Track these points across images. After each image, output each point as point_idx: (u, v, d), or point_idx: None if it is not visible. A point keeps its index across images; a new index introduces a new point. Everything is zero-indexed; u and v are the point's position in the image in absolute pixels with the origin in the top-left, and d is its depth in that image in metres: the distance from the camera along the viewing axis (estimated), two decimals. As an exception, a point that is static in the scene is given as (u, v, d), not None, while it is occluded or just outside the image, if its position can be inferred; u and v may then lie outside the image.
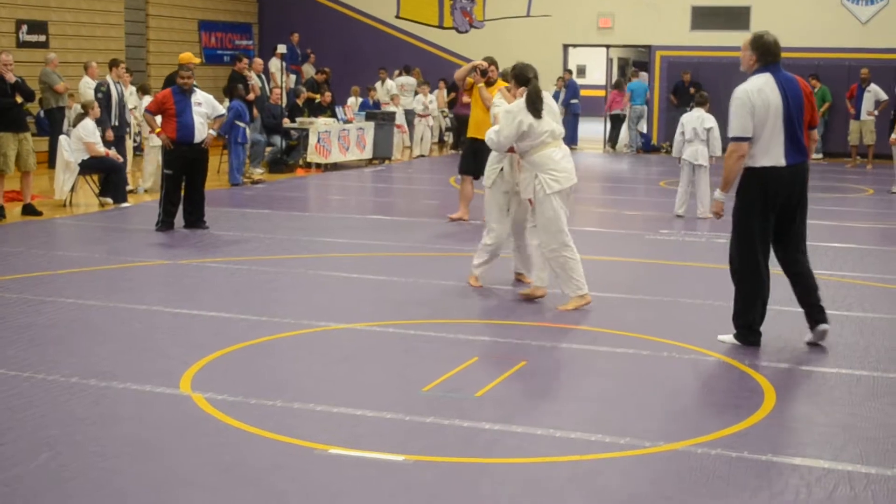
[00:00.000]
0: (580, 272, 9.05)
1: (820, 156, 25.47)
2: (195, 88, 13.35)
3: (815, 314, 7.90)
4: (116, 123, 16.24)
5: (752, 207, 7.67)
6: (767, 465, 5.47)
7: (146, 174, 16.90)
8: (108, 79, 16.36)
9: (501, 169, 9.70)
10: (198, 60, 17.62)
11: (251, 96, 19.21)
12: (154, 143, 16.12)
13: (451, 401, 6.44)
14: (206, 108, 13.29)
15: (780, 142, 7.61)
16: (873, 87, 23.45)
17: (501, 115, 9.24)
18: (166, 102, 13.05)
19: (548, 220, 9.02)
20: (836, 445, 5.81)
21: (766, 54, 7.75)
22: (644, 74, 28.45)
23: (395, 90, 25.53)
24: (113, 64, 16.69)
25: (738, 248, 7.83)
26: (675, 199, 15.28)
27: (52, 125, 19.71)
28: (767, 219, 7.69)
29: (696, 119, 14.75)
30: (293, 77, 26.38)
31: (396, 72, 26.91)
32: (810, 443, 5.88)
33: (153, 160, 16.42)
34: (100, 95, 15.93)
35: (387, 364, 7.45)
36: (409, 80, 26.47)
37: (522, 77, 9.22)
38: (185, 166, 13.04)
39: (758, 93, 7.60)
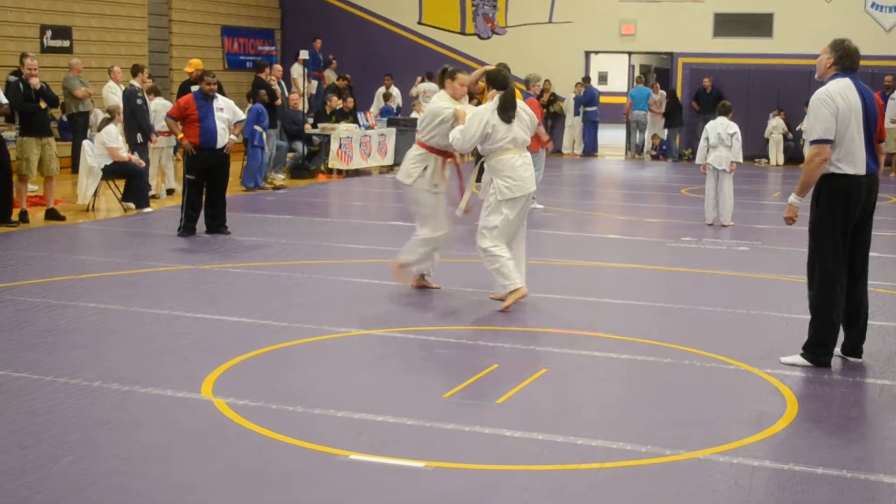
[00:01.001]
0: (511, 269, 9.19)
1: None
2: (216, 94, 13.40)
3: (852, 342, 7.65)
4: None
5: (835, 217, 7.33)
6: (790, 474, 5.45)
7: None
8: (135, 84, 16.43)
9: (425, 168, 9.72)
10: (201, 65, 17.67)
11: (278, 102, 19.25)
12: (159, 145, 16.31)
13: (472, 407, 6.43)
14: (227, 113, 13.34)
15: (862, 148, 7.33)
16: None
17: (468, 115, 9.33)
18: (189, 108, 13.09)
19: (492, 223, 9.27)
20: (859, 455, 5.77)
21: (845, 58, 7.44)
22: (649, 84, 28.42)
23: (420, 96, 25.53)
24: (137, 70, 16.77)
25: (822, 261, 7.40)
26: (696, 207, 15.23)
27: (74, 130, 19.79)
28: (847, 230, 7.38)
29: (721, 125, 14.81)
30: (314, 83, 26.45)
31: (419, 78, 26.90)
32: (833, 452, 5.84)
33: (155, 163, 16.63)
34: (139, 102, 15.98)
35: (407, 370, 7.45)
36: (432, 87, 26.45)
37: (502, 81, 9.42)
38: (207, 171, 13.08)
39: (840, 95, 7.29)
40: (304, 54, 23.68)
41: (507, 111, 9.22)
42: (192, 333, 8.23)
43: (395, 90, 25.91)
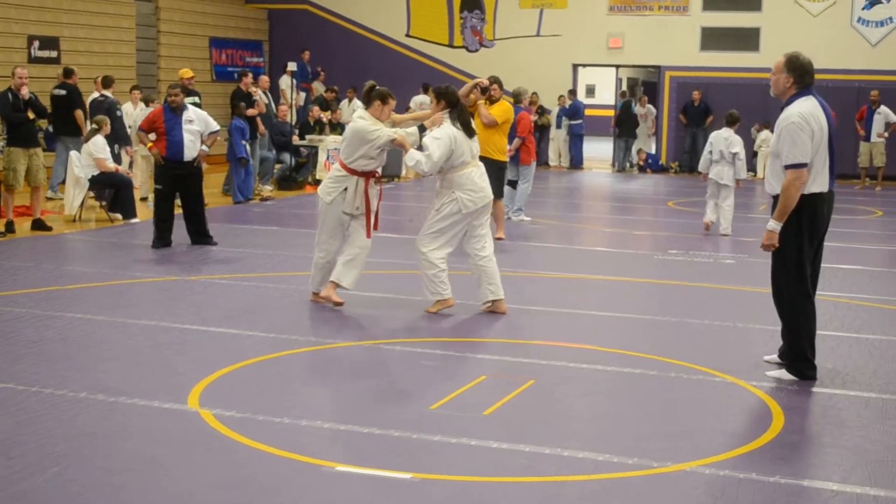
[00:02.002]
0: (445, 280, 9.48)
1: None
2: (187, 105, 13.34)
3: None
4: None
5: (803, 236, 7.35)
6: (775, 486, 5.46)
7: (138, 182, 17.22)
8: (108, 94, 16.48)
9: (345, 189, 9.53)
10: (191, 74, 17.66)
11: (252, 111, 19.13)
12: (143, 152, 16.39)
13: (459, 419, 6.43)
14: (198, 125, 13.22)
15: (827, 167, 7.38)
16: (883, 108, 23.45)
17: (431, 140, 9.38)
18: (156, 121, 13.06)
19: (443, 233, 9.52)
20: (844, 468, 5.79)
21: (805, 75, 7.43)
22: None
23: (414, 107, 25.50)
24: (110, 81, 16.92)
25: (789, 279, 7.44)
26: (682, 220, 15.29)
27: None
28: (812, 247, 7.43)
29: (725, 141, 15.16)
30: (303, 95, 26.43)
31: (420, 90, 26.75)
32: (818, 465, 5.87)
33: (145, 170, 16.74)
34: (119, 114, 16.03)
35: (395, 381, 7.45)
36: (426, 99, 26.35)
37: (453, 99, 9.67)
38: (176, 183, 13.02)
39: (812, 117, 7.30)
40: (292, 66, 23.69)
41: (468, 126, 9.60)
42: (179, 344, 8.22)
43: (357, 102, 25.57)
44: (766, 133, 25.75)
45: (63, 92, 17.32)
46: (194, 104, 14.67)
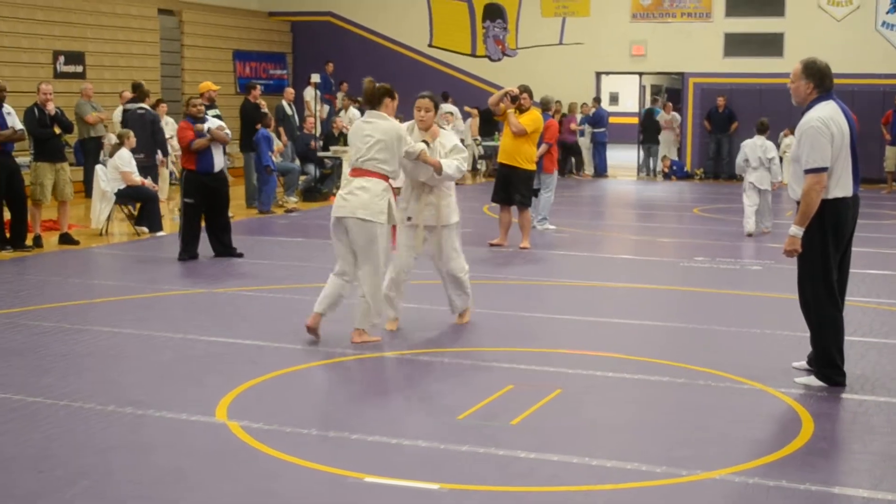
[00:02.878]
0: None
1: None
2: (207, 116, 13.41)
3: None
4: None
5: (827, 241, 7.31)
6: (806, 494, 5.42)
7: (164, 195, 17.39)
8: (147, 107, 16.64)
9: (390, 201, 8.58)
10: (216, 87, 17.71)
11: (259, 126, 19.18)
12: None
13: (486, 429, 6.42)
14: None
15: (849, 171, 7.34)
16: None
17: (453, 144, 9.22)
18: (188, 134, 13.07)
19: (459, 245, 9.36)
20: (875, 475, 5.75)
21: (824, 79, 7.39)
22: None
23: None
24: (146, 93, 17.02)
25: (815, 286, 7.39)
26: (708, 226, 15.24)
27: (85, 155, 19.90)
28: (838, 252, 7.39)
29: (760, 148, 15.82)
30: (326, 107, 26.48)
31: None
32: (849, 472, 5.83)
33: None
34: (160, 125, 16.23)
35: (421, 392, 7.44)
36: (452, 108, 26.27)
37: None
38: (205, 195, 13.06)
39: (833, 121, 7.26)
40: (315, 78, 23.75)
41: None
42: (206, 357, 8.24)
43: (353, 111, 25.22)
44: (791, 138, 25.66)
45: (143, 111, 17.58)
46: (216, 116, 14.73)
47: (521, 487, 5.50)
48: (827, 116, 7.29)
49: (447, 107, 25.94)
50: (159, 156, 17.02)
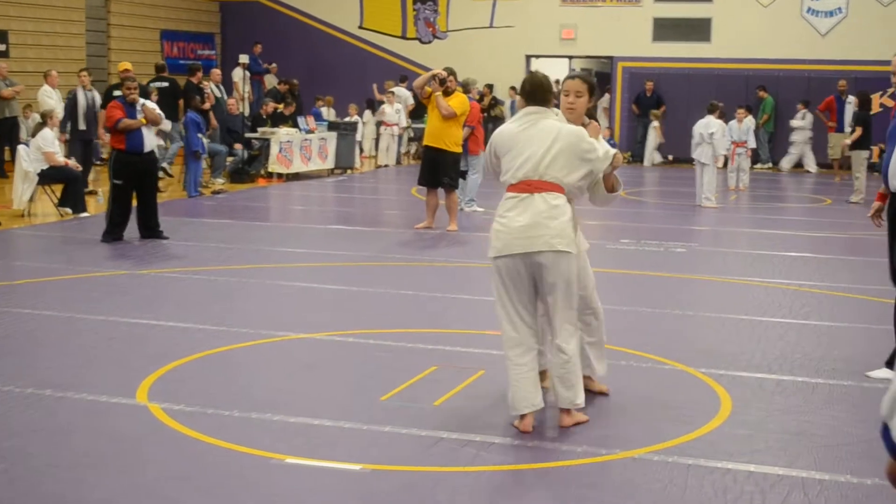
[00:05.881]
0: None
1: (769, 165, 25.81)
2: (139, 98, 13.26)
3: None
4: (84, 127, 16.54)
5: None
6: (723, 472, 5.50)
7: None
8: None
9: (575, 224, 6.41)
10: (131, 67, 17.45)
11: (206, 105, 19.12)
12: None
13: (409, 410, 6.43)
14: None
15: None
16: (853, 98, 23.30)
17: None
18: (116, 113, 12.89)
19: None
20: (790, 452, 5.85)
21: None
22: None
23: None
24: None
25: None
26: (633, 209, 15.38)
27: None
28: None
29: (704, 126, 17.58)
30: (254, 87, 26.30)
31: (391, 82, 26.60)
32: (765, 450, 5.92)
33: None
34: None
35: (345, 373, 7.43)
36: (407, 94, 26.00)
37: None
38: (134, 177, 12.89)
39: None
40: (244, 59, 23.57)
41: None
42: (128, 339, 8.16)
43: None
44: (805, 114, 25.41)
45: (166, 84, 18.54)
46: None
47: (443, 468, 5.51)
48: None
49: (402, 92, 25.84)
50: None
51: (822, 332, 8.80)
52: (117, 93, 14.30)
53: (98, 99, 17.80)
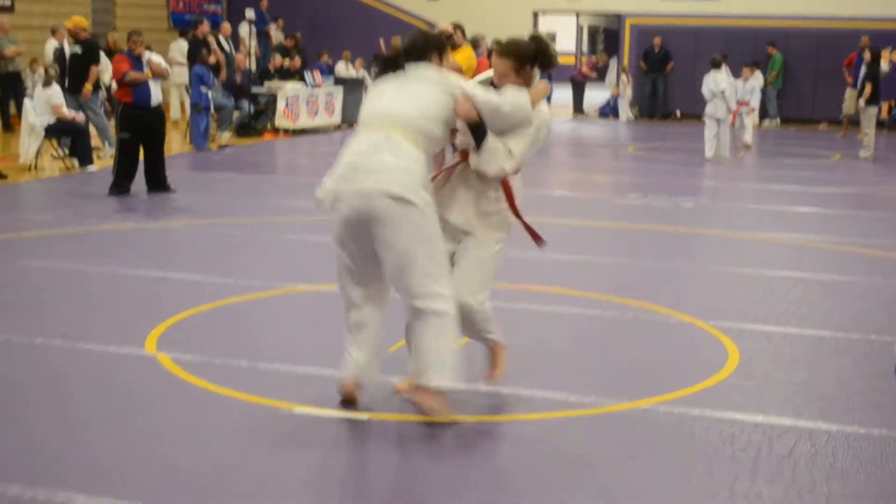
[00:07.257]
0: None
1: (777, 121, 25.66)
2: (145, 51, 13.20)
3: None
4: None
5: None
6: (730, 422, 5.51)
7: None
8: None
9: None
10: (87, 23, 17.04)
11: (213, 59, 19.05)
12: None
13: (416, 361, 6.42)
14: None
15: None
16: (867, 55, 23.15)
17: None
18: (123, 66, 12.85)
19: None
20: (797, 403, 5.86)
21: None
22: None
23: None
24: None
25: None
26: (641, 165, 15.33)
27: (2, 90, 19.55)
28: None
29: (712, 81, 17.70)
30: (260, 43, 26.16)
31: (398, 38, 26.41)
32: (772, 402, 5.93)
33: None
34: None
35: (353, 325, 7.42)
36: None
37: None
38: (141, 130, 12.86)
39: None
40: (250, 14, 23.44)
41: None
42: (137, 290, 8.17)
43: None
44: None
45: (78, 49, 16.69)
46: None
47: (451, 417, 5.52)
48: None
49: None
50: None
51: (829, 286, 8.79)
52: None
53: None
